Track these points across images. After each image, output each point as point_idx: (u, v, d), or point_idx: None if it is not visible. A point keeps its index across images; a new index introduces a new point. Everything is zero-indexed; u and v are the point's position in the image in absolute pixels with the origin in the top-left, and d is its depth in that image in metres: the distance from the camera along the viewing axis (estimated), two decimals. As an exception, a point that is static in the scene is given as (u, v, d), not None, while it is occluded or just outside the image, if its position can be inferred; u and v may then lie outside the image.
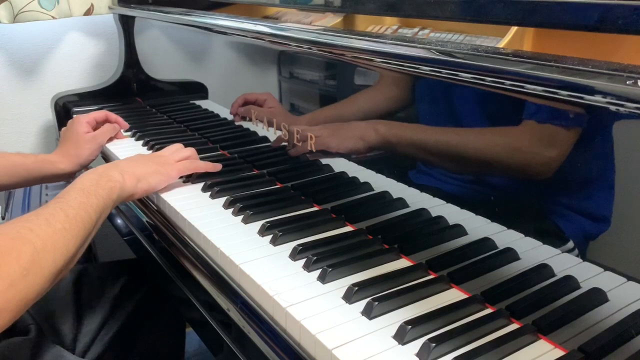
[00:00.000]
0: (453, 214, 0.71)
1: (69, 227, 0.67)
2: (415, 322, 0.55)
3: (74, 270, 1.02)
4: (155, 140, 1.18)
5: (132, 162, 0.89)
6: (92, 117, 1.20)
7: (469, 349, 0.53)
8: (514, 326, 0.57)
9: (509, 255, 0.64)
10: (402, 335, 0.54)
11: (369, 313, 0.58)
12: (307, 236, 0.75)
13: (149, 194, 0.92)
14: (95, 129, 1.19)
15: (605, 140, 0.53)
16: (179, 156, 0.96)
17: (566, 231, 0.59)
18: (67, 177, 1.12)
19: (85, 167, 1.12)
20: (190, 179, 0.96)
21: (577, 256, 0.58)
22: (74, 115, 1.47)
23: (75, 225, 0.68)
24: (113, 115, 1.25)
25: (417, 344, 0.53)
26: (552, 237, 0.60)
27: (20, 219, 0.66)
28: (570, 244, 0.58)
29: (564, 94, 0.52)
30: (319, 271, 0.66)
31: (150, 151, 1.15)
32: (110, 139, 1.22)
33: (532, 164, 0.60)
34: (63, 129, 1.20)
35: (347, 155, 0.85)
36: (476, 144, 0.66)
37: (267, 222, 0.77)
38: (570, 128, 0.55)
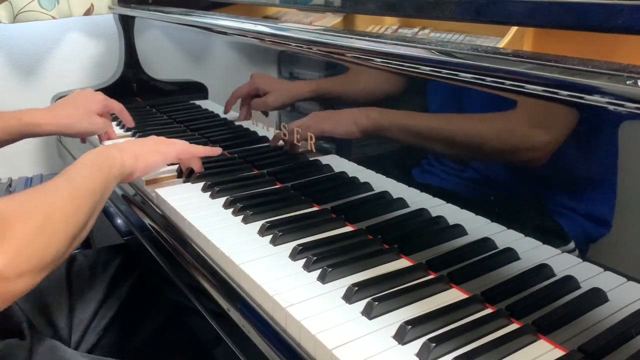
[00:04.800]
0: (453, 214, 0.71)
1: (77, 196, 0.69)
2: (415, 322, 0.55)
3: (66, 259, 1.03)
4: (155, 140, 1.18)
5: (130, 142, 0.90)
6: (110, 106, 1.18)
7: (469, 349, 0.53)
8: (514, 326, 0.57)
9: (509, 255, 0.64)
10: (402, 335, 0.54)
11: (369, 313, 0.58)
12: (307, 236, 0.75)
13: (147, 174, 0.92)
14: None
15: (605, 140, 0.53)
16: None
17: (566, 231, 0.59)
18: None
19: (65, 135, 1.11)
20: (190, 178, 0.96)
21: (577, 256, 0.58)
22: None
23: (83, 195, 0.70)
24: (125, 112, 1.23)
25: (417, 344, 0.53)
26: (552, 237, 0.60)
27: (23, 192, 0.67)
28: (571, 245, 0.58)
29: (564, 94, 0.52)
30: (319, 271, 0.66)
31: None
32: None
33: (526, 148, 0.60)
34: (77, 90, 1.18)
35: (347, 154, 0.85)
36: (468, 129, 0.66)
37: (267, 222, 0.77)
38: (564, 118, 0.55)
